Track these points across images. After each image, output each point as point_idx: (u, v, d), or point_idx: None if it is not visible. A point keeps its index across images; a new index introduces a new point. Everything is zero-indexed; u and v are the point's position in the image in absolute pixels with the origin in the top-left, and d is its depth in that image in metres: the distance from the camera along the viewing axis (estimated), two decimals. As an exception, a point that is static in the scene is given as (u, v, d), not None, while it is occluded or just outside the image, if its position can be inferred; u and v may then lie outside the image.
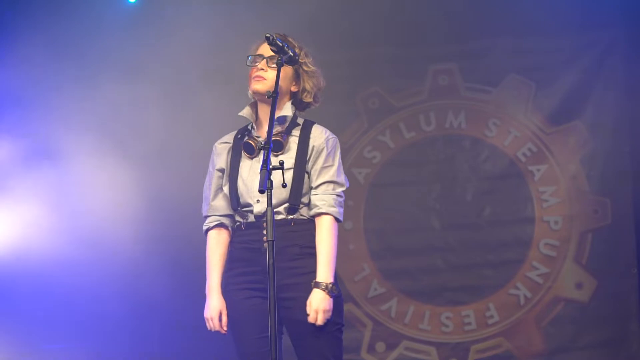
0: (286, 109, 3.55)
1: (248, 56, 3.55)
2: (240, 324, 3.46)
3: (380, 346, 5.80)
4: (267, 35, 3.28)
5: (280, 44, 3.30)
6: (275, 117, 3.45)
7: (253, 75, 3.51)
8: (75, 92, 5.55)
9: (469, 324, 5.75)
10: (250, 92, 3.56)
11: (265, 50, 3.50)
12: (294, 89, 3.58)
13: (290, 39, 3.54)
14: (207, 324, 3.52)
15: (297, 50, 3.50)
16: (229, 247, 3.57)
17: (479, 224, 5.79)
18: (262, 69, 3.49)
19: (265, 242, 3.30)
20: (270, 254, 3.10)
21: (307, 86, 3.58)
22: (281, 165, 3.21)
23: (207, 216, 3.60)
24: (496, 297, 5.74)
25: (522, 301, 5.71)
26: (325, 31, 5.48)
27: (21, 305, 5.51)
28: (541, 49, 5.78)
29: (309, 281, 3.42)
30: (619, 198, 5.65)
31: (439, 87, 5.92)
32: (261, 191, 3.10)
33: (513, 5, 5.64)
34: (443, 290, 5.78)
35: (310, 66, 3.58)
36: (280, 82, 3.40)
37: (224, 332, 3.50)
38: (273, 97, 3.27)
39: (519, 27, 5.71)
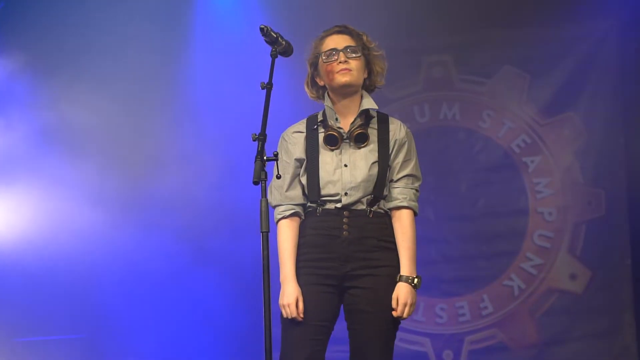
0: (370, 102, 3.58)
1: (316, 54, 3.55)
2: (304, 308, 3.43)
3: (374, 337, 5.80)
4: (262, 26, 3.29)
5: (275, 35, 3.32)
6: (359, 110, 3.53)
7: (337, 69, 3.50)
8: (76, 86, 5.56)
9: (463, 315, 5.76)
10: (335, 84, 3.53)
11: (337, 43, 3.54)
12: (364, 75, 3.60)
13: (350, 27, 3.57)
14: (284, 311, 3.46)
15: (364, 38, 3.56)
16: (300, 233, 3.54)
17: (473, 216, 5.80)
18: (345, 61, 3.51)
19: (344, 230, 3.41)
20: (265, 245, 3.12)
21: (379, 69, 3.62)
22: (275, 157, 3.23)
23: (279, 205, 3.54)
24: (490, 288, 5.76)
25: (517, 292, 5.72)
26: (320, 23, 5.46)
27: (18, 297, 5.51)
28: (535, 40, 5.78)
29: (381, 274, 3.44)
30: (613, 189, 5.67)
31: (433, 79, 5.92)
32: (255, 183, 3.12)
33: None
34: (437, 282, 5.79)
35: (377, 50, 3.62)
36: (360, 73, 3.52)
37: (300, 318, 3.44)
38: (267, 88, 3.28)
39: (513, 18, 5.71)
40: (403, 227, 3.49)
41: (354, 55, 3.52)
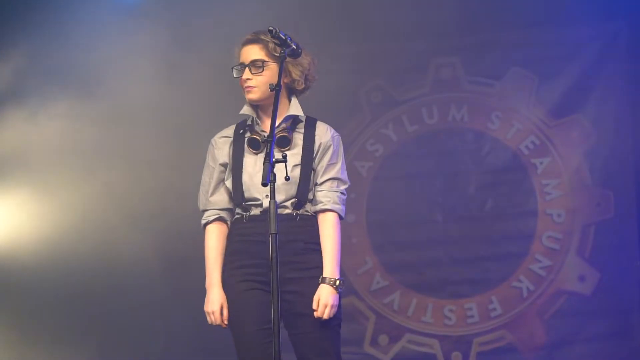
0: (295, 108, 3.58)
1: (232, 68, 3.56)
2: (241, 316, 3.47)
3: (383, 339, 5.81)
4: (270, 28, 3.29)
5: (284, 37, 3.32)
6: (285, 115, 3.53)
7: (243, 86, 3.54)
8: (78, 81, 5.56)
9: (472, 316, 5.76)
10: (247, 100, 3.57)
11: (245, 56, 3.53)
12: (286, 80, 3.56)
13: (262, 36, 3.51)
14: (208, 318, 3.53)
15: (270, 46, 3.49)
16: (227, 240, 3.58)
17: (481, 217, 5.79)
18: (249, 79, 3.51)
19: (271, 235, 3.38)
20: (274, 247, 3.12)
21: (295, 75, 3.57)
22: (284, 159, 3.23)
23: (205, 210, 3.62)
24: (499, 290, 5.75)
25: (525, 294, 5.71)
26: (329, 25, 5.48)
27: (20, 303, 5.52)
28: (544, 41, 5.77)
29: (310, 276, 3.46)
30: (622, 191, 5.65)
31: (441, 81, 5.91)
32: (264, 184, 3.13)
33: (515, -3, 5.66)
34: (446, 283, 5.78)
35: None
36: (265, 89, 3.47)
37: (224, 326, 3.51)
38: (276, 90, 3.29)
39: (521, 20, 5.71)
40: (327, 229, 3.51)
41: (257, 71, 3.48)
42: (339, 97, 5.38)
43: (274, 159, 3.16)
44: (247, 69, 3.51)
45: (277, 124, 3.51)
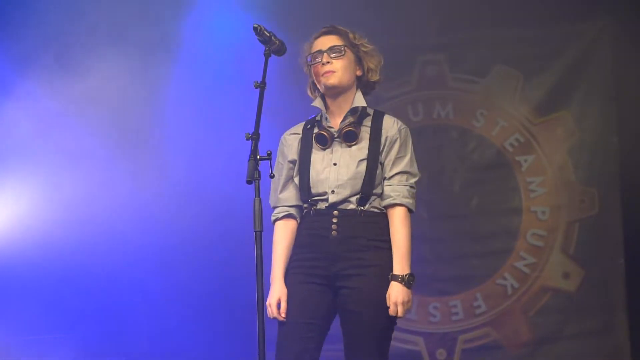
0: (359, 100, 3.58)
1: (307, 57, 3.57)
2: (289, 307, 3.44)
3: (368, 336, 5.80)
4: (255, 25, 3.31)
5: (268, 34, 3.34)
6: (350, 108, 3.54)
7: (321, 72, 3.52)
8: (83, 76, 5.55)
9: (457, 314, 5.77)
10: (321, 87, 3.56)
11: (322, 44, 3.55)
12: (358, 73, 3.60)
13: (340, 27, 3.57)
14: (267, 311, 3.49)
15: (350, 36, 3.55)
16: (296, 234, 3.56)
17: (466, 215, 5.80)
18: (328, 62, 3.51)
19: (333, 230, 3.41)
20: (258, 244, 3.12)
21: (372, 65, 3.61)
22: (269, 156, 3.23)
23: (275, 207, 3.59)
24: (484, 287, 5.76)
25: (510, 291, 5.73)
26: (315, 22, 5.46)
27: (16, 295, 5.51)
28: (529, 39, 5.79)
29: (370, 274, 3.43)
30: (606, 188, 5.67)
31: (427, 78, 5.92)
32: (249, 182, 3.13)
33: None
34: (431, 281, 5.79)
35: (368, 45, 3.61)
36: (346, 72, 3.52)
37: (281, 319, 3.46)
38: (261, 88, 3.29)
39: (506, 17, 5.72)
40: (395, 224, 3.48)
41: (337, 55, 3.51)
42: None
43: (258, 157, 3.17)
44: (325, 54, 3.52)
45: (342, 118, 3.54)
